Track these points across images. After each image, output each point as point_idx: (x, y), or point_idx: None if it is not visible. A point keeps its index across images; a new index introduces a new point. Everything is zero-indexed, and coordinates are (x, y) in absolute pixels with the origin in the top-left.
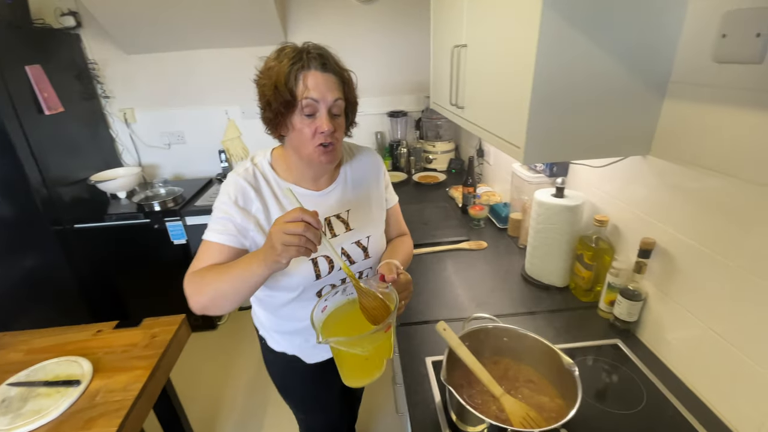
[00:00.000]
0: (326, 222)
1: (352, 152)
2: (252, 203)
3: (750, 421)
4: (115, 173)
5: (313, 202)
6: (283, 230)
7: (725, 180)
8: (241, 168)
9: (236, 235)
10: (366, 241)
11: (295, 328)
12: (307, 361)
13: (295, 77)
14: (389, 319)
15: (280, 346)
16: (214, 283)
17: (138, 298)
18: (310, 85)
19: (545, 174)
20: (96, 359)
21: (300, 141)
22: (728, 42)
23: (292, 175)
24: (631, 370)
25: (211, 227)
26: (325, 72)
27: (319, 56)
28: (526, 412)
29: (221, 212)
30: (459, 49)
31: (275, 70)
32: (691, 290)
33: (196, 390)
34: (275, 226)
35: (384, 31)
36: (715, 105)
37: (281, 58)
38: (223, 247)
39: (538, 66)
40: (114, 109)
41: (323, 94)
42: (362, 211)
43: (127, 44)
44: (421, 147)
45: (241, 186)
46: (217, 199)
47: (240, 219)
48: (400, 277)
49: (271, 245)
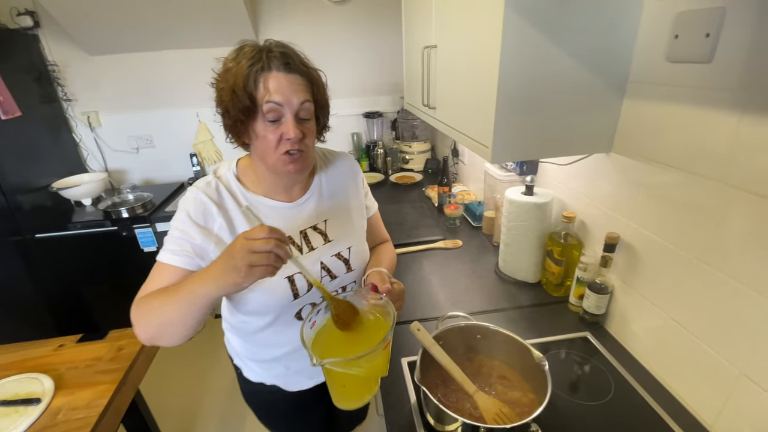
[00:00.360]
0: (302, 235)
1: (327, 158)
2: (214, 221)
3: (711, 406)
4: (79, 179)
5: (286, 214)
6: (249, 248)
7: (680, 175)
8: (203, 182)
9: (192, 257)
10: (347, 253)
11: (273, 356)
12: (288, 390)
13: (254, 80)
14: (388, 336)
15: (257, 376)
16: (160, 308)
17: (107, 309)
18: (272, 87)
19: (516, 172)
20: (58, 375)
21: (264, 149)
22: (680, 42)
23: (261, 187)
24: (600, 362)
25: (166, 247)
26: (290, 72)
27: (281, 55)
28: (499, 408)
29: (177, 231)
30: (429, 50)
31: (233, 72)
32: (652, 282)
33: (170, 401)
34: (239, 243)
35: (358, 31)
36: (669, 103)
37: (239, 59)
38: (177, 269)
39: (503, 66)
40: (77, 113)
41: (287, 97)
42: (341, 220)
43: (88, 45)
44: (398, 147)
45: (202, 202)
46: (174, 217)
47: (199, 239)
48: (394, 287)
49: (233, 265)
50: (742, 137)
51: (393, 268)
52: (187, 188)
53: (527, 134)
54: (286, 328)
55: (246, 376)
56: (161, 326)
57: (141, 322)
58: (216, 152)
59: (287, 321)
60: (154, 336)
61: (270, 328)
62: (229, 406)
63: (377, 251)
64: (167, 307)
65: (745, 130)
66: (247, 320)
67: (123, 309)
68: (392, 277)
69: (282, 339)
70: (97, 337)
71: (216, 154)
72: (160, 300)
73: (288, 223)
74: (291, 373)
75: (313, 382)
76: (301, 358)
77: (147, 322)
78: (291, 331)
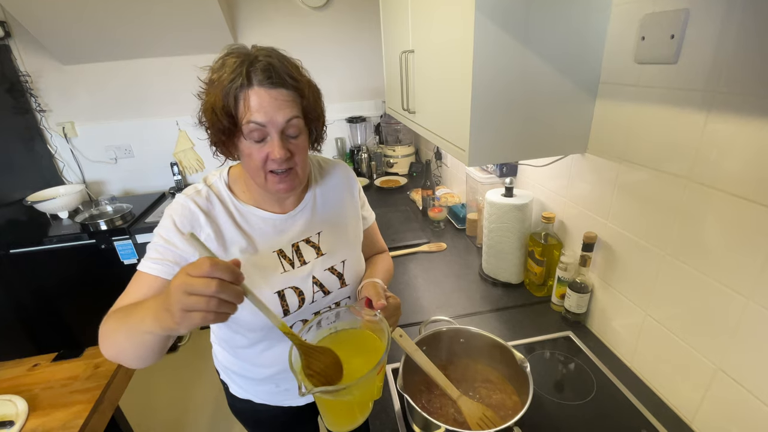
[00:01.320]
0: (294, 248)
1: (322, 167)
2: (201, 230)
3: (689, 401)
4: (55, 192)
5: (278, 226)
6: (185, 288)
7: (651, 174)
8: (192, 190)
9: (173, 266)
10: (341, 267)
11: (261, 375)
12: (279, 405)
13: (234, 97)
14: (382, 360)
15: (246, 393)
16: (114, 333)
17: (87, 325)
18: (253, 106)
19: (496, 174)
20: (32, 396)
21: (251, 168)
22: (647, 44)
23: (252, 197)
24: (583, 361)
25: (147, 255)
26: (273, 87)
27: (265, 68)
28: (483, 412)
29: (161, 239)
30: (407, 54)
31: (215, 85)
32: (629, 279)
33: (154, 416)
34: (176, 280)
35: (339, 36)
36: (639, 104)
37: (222, 71)
38: (156, 279)
39: (476, 70)
40: (52, 124)
41: (271, 116)
42: (335, 232)
43: (62, 54)
44: (382, 152)
45: (190, 210)
46: (159, 224)
47: (182, 248)
48: (389, 301)
49: (165, 307)
50: (709, 136)
51: (389, 279)
52: (176, 196)
53: (503, 137)
54: (275, 344)
55: (233, 392)
56: (118, 351)
57: (103, 339)
58: (197, 160)
59: (277, 338)
60: (115, 356)
61: (259, 344)
62: (216, 417)
63: (373, 261)
64: (119, 334)
65: (712, 128)
66: (233, 336)
67: None
68: (387, 290)
69: (271, 358)
70: (74, 355)
71: (197, 163)
72: (116, 323)
73: (280, 235)
74: (281, 390)
75: (306, 399)
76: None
77: (107, 340)
78: (281, 349)
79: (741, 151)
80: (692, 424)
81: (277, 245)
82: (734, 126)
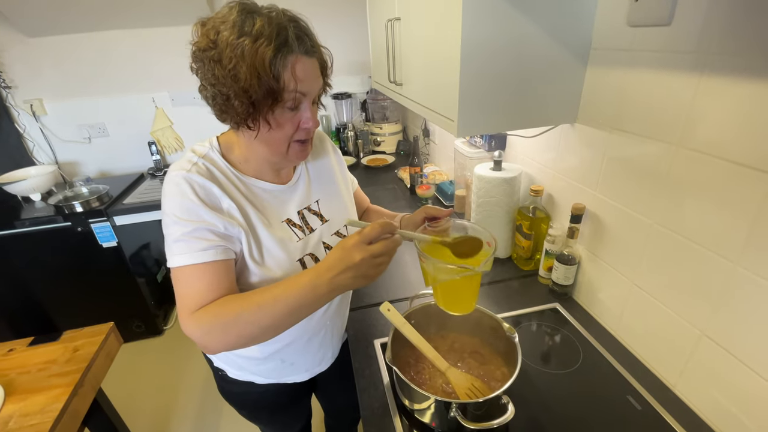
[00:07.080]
0: (300, 216)
1: None
2: (220, 200)
3: (673, 368)
4: (25, 173)
5: (281, 197)
6: (372, 256)
7: (640, 141)
8: (187, 164)
9: (223, 245)
10: (345, 231)
11: (267, 353)
12: (281, 382)
13: (283, 63)
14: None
15: (247, 374)
16: (252, 315)
17: (66, 308)
18: (300, 74)
19: (484, 149)
20: (8, 381)
21: (275, 138)
22: (640, 6)
23: (251, 167)
24: (569, 331)
25: (188, 246)
26: (311, 56)
27: (300, 36)
28: (471, 383)
29: (189, 223)
30: (393, 22)
31: (248, 49)
32: (616, 250)
33: (143, 401)
34: (358, 255)
35: (323, 10)
36: (631, 69)
37: (255, 34)
38: (216, 264)
39: (465, 37)
40: (18, 101)
41: (311, 85)
42: (332, 198)
43: (26, 25)
44: (369, 129)
45: (200, 183)
46: (171, 211)
47: (219, 222)
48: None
49: (362, 274)
50: (701, 100)
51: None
52: (170, 175)
53: (493, 106)
54: None
55: (232, 376)
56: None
57: (217, 334)
58: (176, 139)
59: None
60: (234, 344)
61: None
62: (205, 400)
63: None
64: (262, 312)
65: (703, 90)
66: None
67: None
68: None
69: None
70: (50, 339)
71: (176, 142)
72: (251, 307)
73: (284, 205)
74: (286, 365)
75: (309, 374)
76: (296, 350)
77: (228, 332)
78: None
79: (731, 115)
80: (675, 389)
81: (285, 215)
82: (725, 88)
